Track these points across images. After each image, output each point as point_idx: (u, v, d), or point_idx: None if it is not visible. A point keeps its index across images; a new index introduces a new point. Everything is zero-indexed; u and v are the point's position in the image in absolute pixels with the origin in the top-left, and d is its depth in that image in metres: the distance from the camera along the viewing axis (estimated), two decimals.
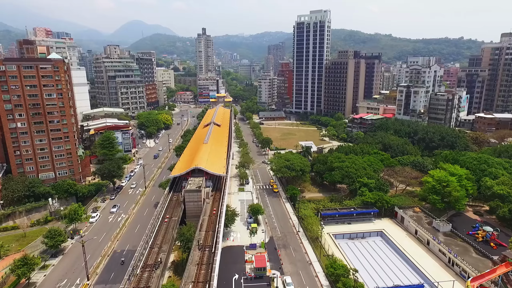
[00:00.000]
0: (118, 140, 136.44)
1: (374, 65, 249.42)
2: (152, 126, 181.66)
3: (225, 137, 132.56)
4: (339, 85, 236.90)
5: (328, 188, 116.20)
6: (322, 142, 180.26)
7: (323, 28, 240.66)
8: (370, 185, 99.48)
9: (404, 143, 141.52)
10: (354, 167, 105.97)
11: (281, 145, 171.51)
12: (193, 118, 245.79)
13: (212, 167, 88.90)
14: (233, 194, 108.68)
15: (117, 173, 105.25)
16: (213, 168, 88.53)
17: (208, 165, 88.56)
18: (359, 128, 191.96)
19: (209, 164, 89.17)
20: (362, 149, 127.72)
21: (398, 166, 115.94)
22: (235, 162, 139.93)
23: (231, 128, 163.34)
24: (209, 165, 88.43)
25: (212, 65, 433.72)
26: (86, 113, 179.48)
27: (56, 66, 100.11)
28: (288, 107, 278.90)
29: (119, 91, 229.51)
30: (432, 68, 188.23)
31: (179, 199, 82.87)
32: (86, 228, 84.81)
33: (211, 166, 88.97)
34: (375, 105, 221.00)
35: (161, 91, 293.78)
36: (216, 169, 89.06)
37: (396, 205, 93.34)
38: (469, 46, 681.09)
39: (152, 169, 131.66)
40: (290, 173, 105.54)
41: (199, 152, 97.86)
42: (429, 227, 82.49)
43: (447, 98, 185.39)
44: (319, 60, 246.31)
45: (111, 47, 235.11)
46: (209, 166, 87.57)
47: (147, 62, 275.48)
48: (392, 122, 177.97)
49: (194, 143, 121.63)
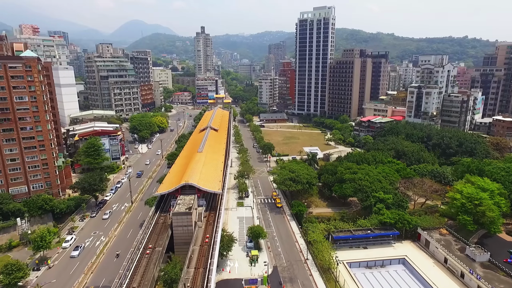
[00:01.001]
0: (105, 147, 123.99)
1: (380, 65, 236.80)
2: (145, 130, 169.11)
3: (222, 144, 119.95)
4: (344, 86, 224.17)
5: (337, 201, 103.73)
6: (328, 147, 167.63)
7: (327, 26, 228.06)
8: (387, 201, 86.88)
9: (420, 149, 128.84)
10: (368, 180, 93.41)
11: (284, 150, 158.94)
12: (190, 120, 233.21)
13: (206, 182, 76.34)
14: (230, 210, 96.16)
15: (99, 186, 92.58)
16: (207, 183, 75.98)
17: (202, 180, 76.01)
18: (367, 132, 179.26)
19: (202, 179, 76.62)
20: (374, 157, 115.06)
21: (416, 177, 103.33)
22: (233, 171, 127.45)
23: (229, 132, 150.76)
24: (202, 180, 75.88)
25: (212, 64, 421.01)
26: (74, 116, 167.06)
27: (28, 65, 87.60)
28: (290, 108, 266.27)
29: (112, 92, 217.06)
30: (446, 67, 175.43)
31: (166, 222, 70.34)
32: (57, 255, 72.28)
33: (204, 181, 76.42)
34: (382, 107, 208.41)
35: (158, 91, 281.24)
36: (210, 184, 76.50)
37: (419, 226, 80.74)
38: (473, 45, 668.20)
39: (142, 179, 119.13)
40: (295, 186, 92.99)
41: (192, 163, 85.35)
42: (462, 256, 69.89)
43: (461, 99, 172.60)
44: (323, 59, 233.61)
45: (104, 45, 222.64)
46: (202, 182, 75.02)
47: (142, 61, 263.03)
48: (403, 125, 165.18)
49: (187, 151, 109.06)
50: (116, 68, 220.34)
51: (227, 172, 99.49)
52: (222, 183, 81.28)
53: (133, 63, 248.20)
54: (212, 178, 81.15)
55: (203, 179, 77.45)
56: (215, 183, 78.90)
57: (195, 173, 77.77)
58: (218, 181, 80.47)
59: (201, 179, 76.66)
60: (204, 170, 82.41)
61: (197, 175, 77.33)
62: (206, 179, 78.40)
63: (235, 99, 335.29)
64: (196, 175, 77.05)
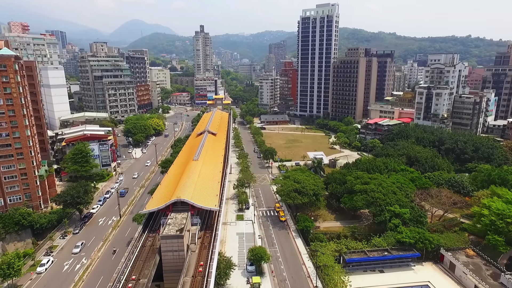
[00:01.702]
0: (94, 153, 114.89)
1: (385, 64, 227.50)
2: (139, 133, 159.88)
3: (220, 149, 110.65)
4: (349, 86, 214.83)
5: (346, 213, 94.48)
6: (333, 152, 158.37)
7: (330, 23, 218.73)
8: (403, 216, 77.75)
9: (433, 155, 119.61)
10: (381, 191, 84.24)
11: (286, 155, 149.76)
12: (188, 122, 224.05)
13: (201, 197, 67.12)
14: (229, 224, 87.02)
15: (83, 199, 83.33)
16: (202, 199, 66.77)
17: (196, 195, 66.77)
18: (374, 135, 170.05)
19: (197, 194, 67.39)
20: (386, 165, 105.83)
21: (433, 187, 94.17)
22: (233, 178, 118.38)
23: (228, 136, 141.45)
24: (196, 195, 66.65)
25: (211, 64, 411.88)
26: (64, 119, 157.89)
27: (3, 64, 78.49)
28: (292, 109, 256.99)
29: (106, 93, 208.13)
30: (457, 67, 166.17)
31: (154, 245, 61.17)
32: (30, 283, 63.15)
33: (199, 196, 67.19)
34: (389, 108, 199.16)
35: (155, 92, 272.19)
36: (206, 200, 67.28)
37: (442, 246, 71.54)
38: (477, 44, 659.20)
39: (134, 188, 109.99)
40: (301, 199, 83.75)
41: (186, 174, 76.14)
42: (496, 284, 60.73)
43: (473, 101, 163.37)
44: (326, 59, 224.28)
45: (98, 44, 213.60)
46: (196, 197, 65.79)
47: (139, 61, 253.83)
48: (412, 128, 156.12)
49: (182, 158, 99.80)
50: (110, 68, 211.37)
51: (226, 183, 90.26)
52: (219, 197, 72.05)
53: (129, 63, 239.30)
54: (208, 191, 71.90)
55: (198, 193, 68.22)
56: (211, 197, 69.66)
57: (188, 187, 68.52)
58: (214, 195, 71.21)
59: (196, 193, 67.42)
60: (200, 183, 73.15)
61: (191, 189, 68.07)
62: (201, 193, 69.17)
63: (235, 100, 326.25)
64: (189, 189, 67.80)
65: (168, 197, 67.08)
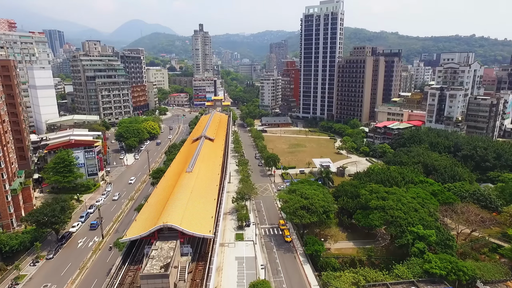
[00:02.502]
0: (79, 161, 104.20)
1: (393, 64, 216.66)
2: (132, 138, 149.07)
3: (218, 158, 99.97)
4: (355, 87, 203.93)
5: (359, 230, 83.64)
6: (339, 157, 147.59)
7: (335, 21, 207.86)
8: (428, 239, 67.00)
9: (453, 164, 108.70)
10: (401, 209, 73.51)
11: (290, 162, 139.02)
12: (186, 124, 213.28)
13: (193, 221, 56.43)
14: (227, 245, 76.24)
15: (59, 219, 72.43)
16: (194, 223, 56.10)
17: (187, 218, 56.10)
18: (383, 139, 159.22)
19: (187, 217, 56.71)
20: (402, 175, 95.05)
21: (458, 202, 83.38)
22: (232, 188, 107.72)
23: (227, 141, 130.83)
24: (187, 219, 55.98)
25: (210, 64, 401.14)
26: (51, 123, 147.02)
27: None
28: (294, 111, 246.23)
29: (99, 94, 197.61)
30: (472, 66, 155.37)
31: (135, 282, 50.50)
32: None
33: (190, 220, 56.49)
34: (397, 110, 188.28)
35: (152, 93, 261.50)
36: (199, 224, 56.59)
37: (479, 278, 60.74)
38: (481, 44, 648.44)
39: (122, 201, 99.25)
40: (309, 217, 72.90)
41: (177, 190, 65.56)
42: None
43: (490, 103, 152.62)
44: (331, 58, 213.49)
45: (91, 43, 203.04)
46: (187, 221, 55.13)
47: (134, 61, 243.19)
48: (424, 132, 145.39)
49: (175, 169, 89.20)
50: (104, 68, 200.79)
51: (223, 198, 79.59)
52: (215, 219, 61.36)
53: (124, 63, 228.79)
54: (202, 213, 61.15)
55: (189, 216, 57.51)
56: (205, 221, 58.92)
57: (177, 208, 57.82)
58: (209, 218, 60.47)
59: (186, 216, 56.73)
60: (192, 202, 62.40)
61: (181, 210, 57.37)
62: (193, 216, 58.42)
63: (235, 101, 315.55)
64: (179, 210, 57.10)
65: (153, 220, 56.43)
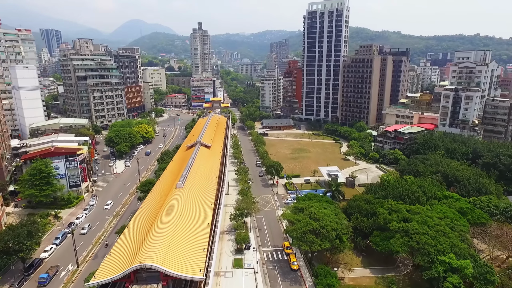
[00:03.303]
0: (60, 172, 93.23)
1: (400, 63, 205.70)
2: (123, 143, 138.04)
3: (214, 168, 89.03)
4: (361, 87, 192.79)
5: (377, 254, 72.24)
6: (347, 164, 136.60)
7: (340, 18, 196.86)
8: (464, 271, 55.93)
9: (477, 174, 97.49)
10: (428, 232, 62.43)
11: (294, 169, 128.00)
12: (182, 127, 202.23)
13: (179, 258, 45.41)
14: (223, 275, 65.17)
15: (24, 246, 61.10)
16: (180, 260, 45.10)
17: (171, 254, 45.10)
18: (393, 144, 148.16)
19: (172, 252, 45.71)
20: (423, 189, 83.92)
21: (491, 222, 72.24)
22: (230, 200, 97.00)
23: (226, 148, 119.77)
24: (171, 255, 44.97)
25: (209, 63, 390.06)
26: (34, 127, 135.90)
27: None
28: (296, 113, 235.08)
29: (91, 95, 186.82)
30: (490, 65, 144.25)
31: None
32: None
33: (176, 256, 45.47)
34: (406, 113, 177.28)
35: (147, 94, 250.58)
36: (186, 262, 45.52)
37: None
38: (486, 43, 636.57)
39: (105, 218, 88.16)
40: (321, 244, 61.82)
41: (163, 215, 54.68)
42: None
43: (509, 105, 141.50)
44: (335, 57, 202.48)
45: (82, 41, 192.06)
46: (171, 258, 44.14)
47: (129, 60, 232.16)
48: (439, 137, 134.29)
49: (165, 182, 78.33)
50: (96, 68, 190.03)
51: (219, 217, 68.53)
52: (207, 253, 50.23)
53: (118, 62, 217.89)
54: (192, 244, 50.08)
55: (176, 249, 46.51)
56: (195, 255, 47.84)
57: (161, 240, 46.82)
58: (200, 250, 49.41)
59: (172, 251, 45.73)
60: (180, 230, 51.41)
61: (165, 243, 46.37)
62: (180, 249, 47.38)
63: (235, 101, 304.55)
64: (162, 244, 46.08)
65: (131, 256, 45.35)
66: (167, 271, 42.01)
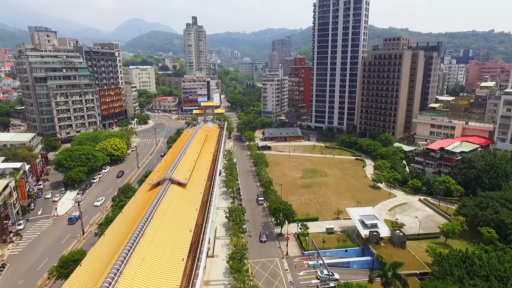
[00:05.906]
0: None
1: (431, 61, 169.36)
2: (77, 168, 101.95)
3: (185, 231, 52.91)
4: (386, 90, 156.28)
5: None
6: (378, 195, 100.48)
7: (359, 5, 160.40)
8: None
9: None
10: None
11: (308, 204, 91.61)
12: (166, 139, 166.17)
13: None
14: None
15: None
16: None
17: None
18: (438, 167, 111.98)
19: None
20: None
21: None
22: (214, 273, 61.12)
23: (214, 179, 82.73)
24: None
25: (205, 62, 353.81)
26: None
27: None
28: (304, 119, 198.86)
29: (53, 101, 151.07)
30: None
31: None
32: None
33: None
34: (445, 122, 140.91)
35: (130, 97, 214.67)
36: None
37: None
38: (501, 40, 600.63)
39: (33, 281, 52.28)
40: None
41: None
42: None
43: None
44: (353, 53, 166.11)
45: (42, 34, 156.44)
46: None
47: (106, 57, 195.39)
48: (506, 159, 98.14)
49: (105, 254, 42.18)
50: (60, 67, 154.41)
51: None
52: None
53: (91, 60, 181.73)
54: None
55: None
56: None
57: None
58: None
59: None
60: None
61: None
62: None
63: (233, 105, 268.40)
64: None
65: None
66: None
